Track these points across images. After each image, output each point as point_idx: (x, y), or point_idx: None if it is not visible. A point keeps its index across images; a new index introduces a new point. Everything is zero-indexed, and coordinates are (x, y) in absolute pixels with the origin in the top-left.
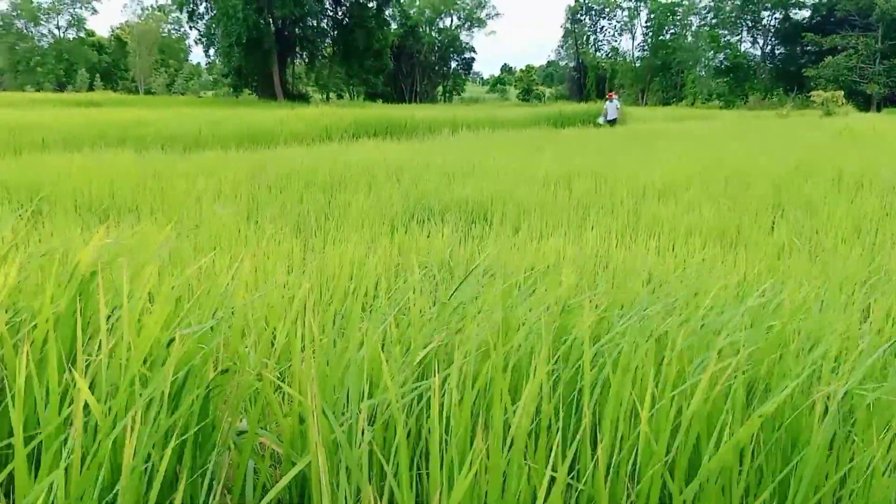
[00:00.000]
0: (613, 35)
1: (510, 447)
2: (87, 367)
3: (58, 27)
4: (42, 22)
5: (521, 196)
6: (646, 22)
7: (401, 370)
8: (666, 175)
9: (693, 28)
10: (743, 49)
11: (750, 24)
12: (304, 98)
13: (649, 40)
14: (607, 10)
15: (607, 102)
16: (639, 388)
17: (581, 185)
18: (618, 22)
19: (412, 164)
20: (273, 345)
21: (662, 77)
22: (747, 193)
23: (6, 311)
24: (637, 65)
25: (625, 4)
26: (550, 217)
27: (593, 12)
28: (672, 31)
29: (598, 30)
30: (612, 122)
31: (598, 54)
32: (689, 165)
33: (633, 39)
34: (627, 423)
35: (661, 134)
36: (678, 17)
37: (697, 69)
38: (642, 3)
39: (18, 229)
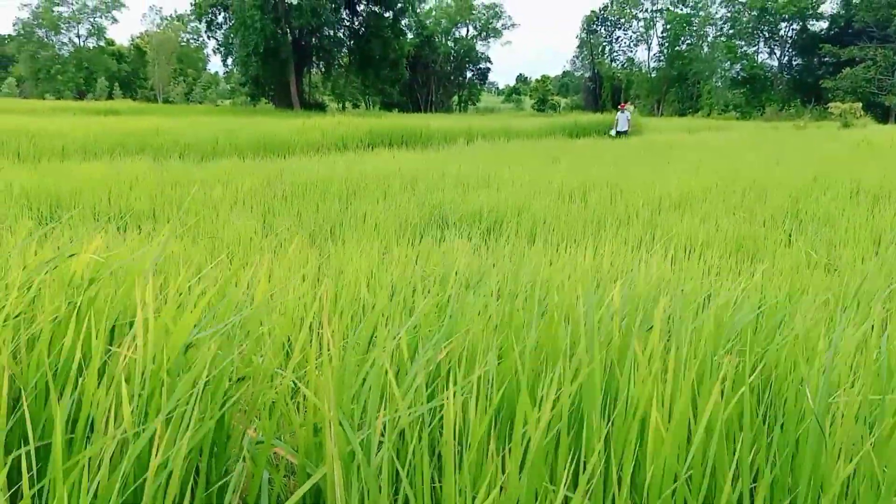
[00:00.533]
0: (629, 46)
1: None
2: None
3: (78, 36)
4: (63, 31)
5: (537, 207)
6: (661, 33)
7: (413, 381)
8: (682, 186)
9: (709, 39)
10: (760, 60)
11: (767, 36)
12: (320, 107)
13: (665, 51)
14: (623, 20)
15: (619, 113)
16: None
17: (596, 196)
18: (633, 32)
19: (427, 174)
20: (288, 354)
21: (678, 88)
22: (764, 205)
23: (18, 321)
24: (653, 75)
25: (641, 15)
26: (566, 228)
27: (609, 23)
28: (688, 41)
29: (614, 40)
30: (625, 134)
31: (613, 65)
32: (706, 177)
33: (649, 50)
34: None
35: (676, 145)
36: (694, 28)
37: (714, 80)
38: (658, 14)
39: (37, 240)
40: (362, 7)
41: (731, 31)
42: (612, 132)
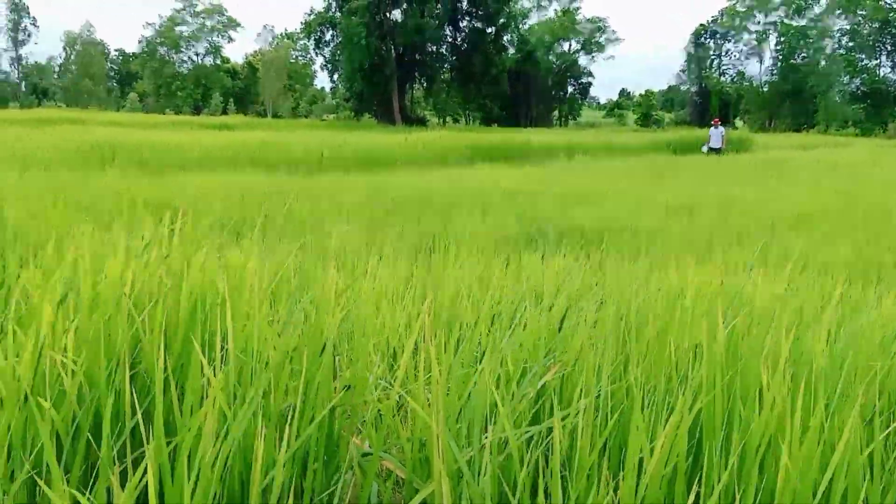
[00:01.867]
0: (739, 59)
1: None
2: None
3: (197, 54)
4: (182, 49)
5: (641, 223)
6: (775, 45)
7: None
8: (798, 206)
9: (827, 52)
10: (882, 74)
11: (890, 48)
12: (421, 122)
13: (779, 64)
14: (733, 33)
15: (711, 129)
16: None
17: (704, 213)
18: (744, 45)
19: (527, 189)
20: (392, 367)
21: (792, 103)
22: (889, 227)
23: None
24: (765, 90)
25: (752, 28)
26: (672, 246)
27: (718, 36)
28: (804, 54)
29: (724, 53)
30: (717, 151)
31: (722, 79)
32: (824, 196)
33: (761, 63)
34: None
35: (790, 162)
36: (811, 41)
37: (831, 94)
38: (772, 27)
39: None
40: (465, 23)
41: (850, 44)
42: (704, 148)
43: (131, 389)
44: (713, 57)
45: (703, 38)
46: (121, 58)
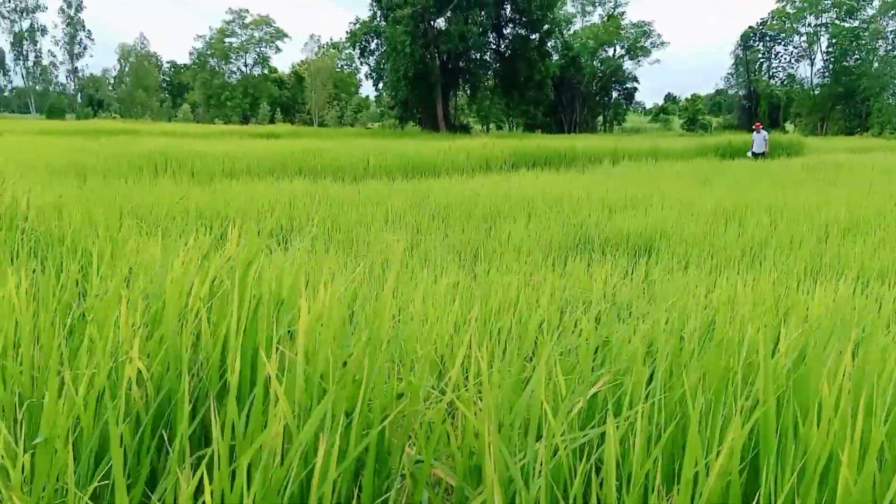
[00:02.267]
0: (790, 62)
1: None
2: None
3: (245, 65)
4: (232, 60)
5: (688, 230)
6: (827, 47)
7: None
8: (852, 211)
9: (880, 53)
10: None
11: None
12: (465, 129)
13: (830, 66)
14: (783, 35)
15: (754, 133)
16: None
17: (754, 220)
18: (795, 48)
19: (572, 196)
20: (441, 374)
21: (845, 105)
22: None
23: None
24: (816, 92)
25: (803, 30)
26: (721, 254)
27: (767, 38)
28: (856, 56)
29: (773, 56)
30: (762, 156)
31: (771, 82)
32: (879, 201)
33: (812, 66)
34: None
35: (843, 166)
36: (863, 42)
37: (885, 97)
38: (822, 28)
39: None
40: (509, 30)
41: None
42: (750, 154)
43: (191, 394)
44: (762, 60)
45: (751, 41)
46: (173, 69)
